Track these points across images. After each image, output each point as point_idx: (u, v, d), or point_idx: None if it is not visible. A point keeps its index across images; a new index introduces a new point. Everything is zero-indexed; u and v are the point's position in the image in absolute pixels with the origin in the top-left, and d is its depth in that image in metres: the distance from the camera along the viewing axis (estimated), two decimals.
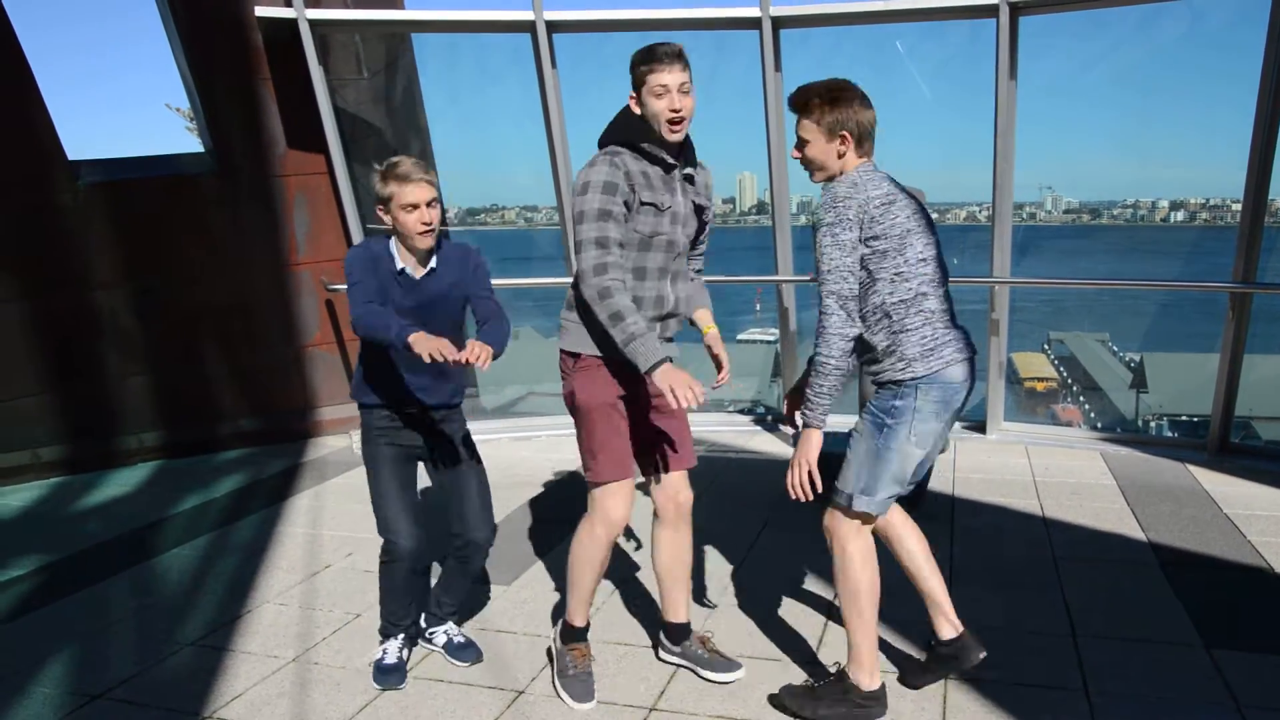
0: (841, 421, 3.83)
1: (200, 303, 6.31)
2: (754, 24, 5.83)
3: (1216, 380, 5.63)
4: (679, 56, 2.78)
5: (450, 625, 3.43)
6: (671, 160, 2.88)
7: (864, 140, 2.74)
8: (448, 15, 6.16)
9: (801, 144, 2.78)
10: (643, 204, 2.82)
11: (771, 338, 10.68)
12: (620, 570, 4.15)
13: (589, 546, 3.00)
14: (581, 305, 2.84)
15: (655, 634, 3.43)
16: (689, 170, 2.96)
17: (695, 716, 2.97)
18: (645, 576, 4.08)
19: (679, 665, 3.25)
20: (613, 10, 6.01)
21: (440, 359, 2.69)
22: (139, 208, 6.09)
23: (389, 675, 3.21)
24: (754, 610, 3.70)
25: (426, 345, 2.70)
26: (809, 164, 2.80)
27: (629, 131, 2.85)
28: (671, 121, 2.79)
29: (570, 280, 2.99)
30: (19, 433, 5.78)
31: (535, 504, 5.13)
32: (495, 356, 2.83)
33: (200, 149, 6.49)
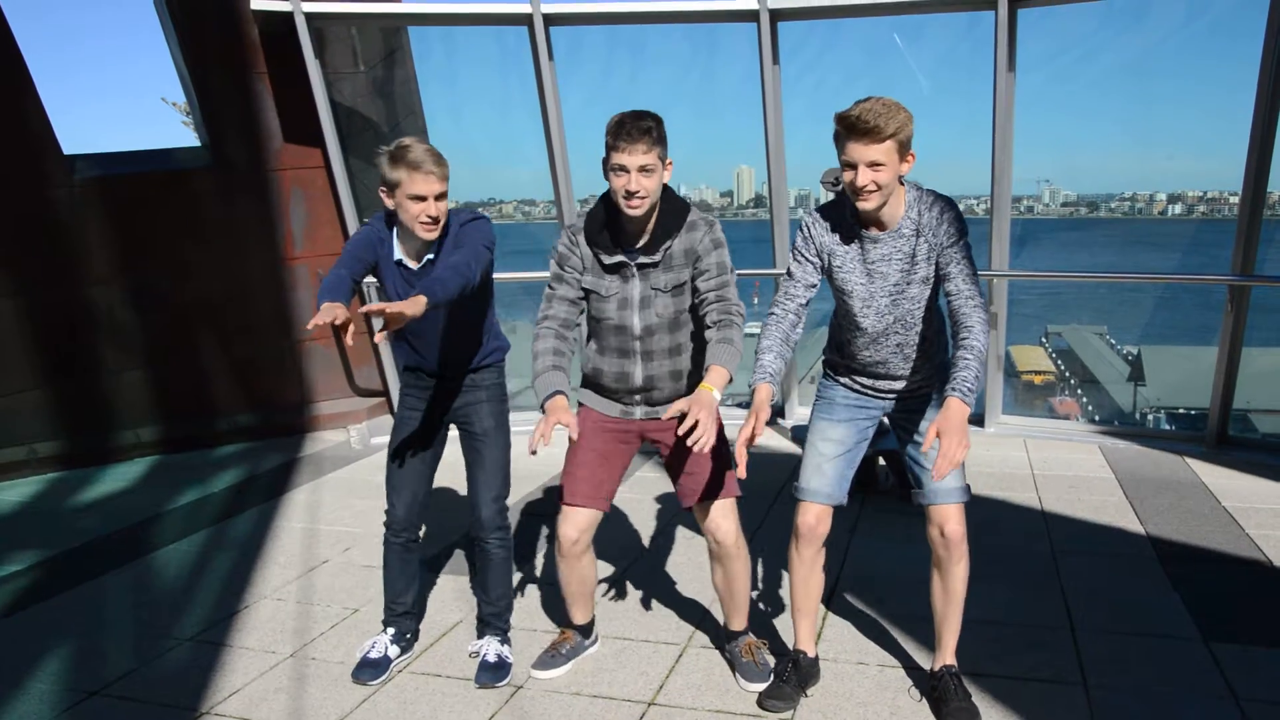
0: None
1: (196, 297, 6.30)
2: (752, 17, 5.80)
3: (1215, 373, 5.63)
4: (645, 134, 2.66)
5: (490, 640, 3.27)
6: (612, 260, 2.85)
7: None
8: (445, 8, 6.13)
9: (875, 166, 2.57)
10: (583, 288, 2.93)
11: None
12: (620, 564, 4.15)
13: (557, 562, 3.14)
14: (583, 361, 3.07)
15: (656, 629, 3.50)
16: (646, 259, 2.85)
17: (694, 711, 2.97)
18: (645, 572, 4.08)
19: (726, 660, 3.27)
20: (610, 3, 5.98)
21: (313, 325, 2.59)
22: (135, 202, 6.07)
23: (364, 669, 3.20)
24: (755, 602, 3.69)
25: (314, 319, 2.58)
26: (878, 188, 2.60)
27: (593, 215, 2.88)
28: (627, 201, 2.74)
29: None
30: (15, 428, 5.77)
31: (533, 500, 5.13)
32: (433, 305, 2.66)
33: (196, 143, 6.47)
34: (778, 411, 6.78)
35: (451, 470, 3.55)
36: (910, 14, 5.86)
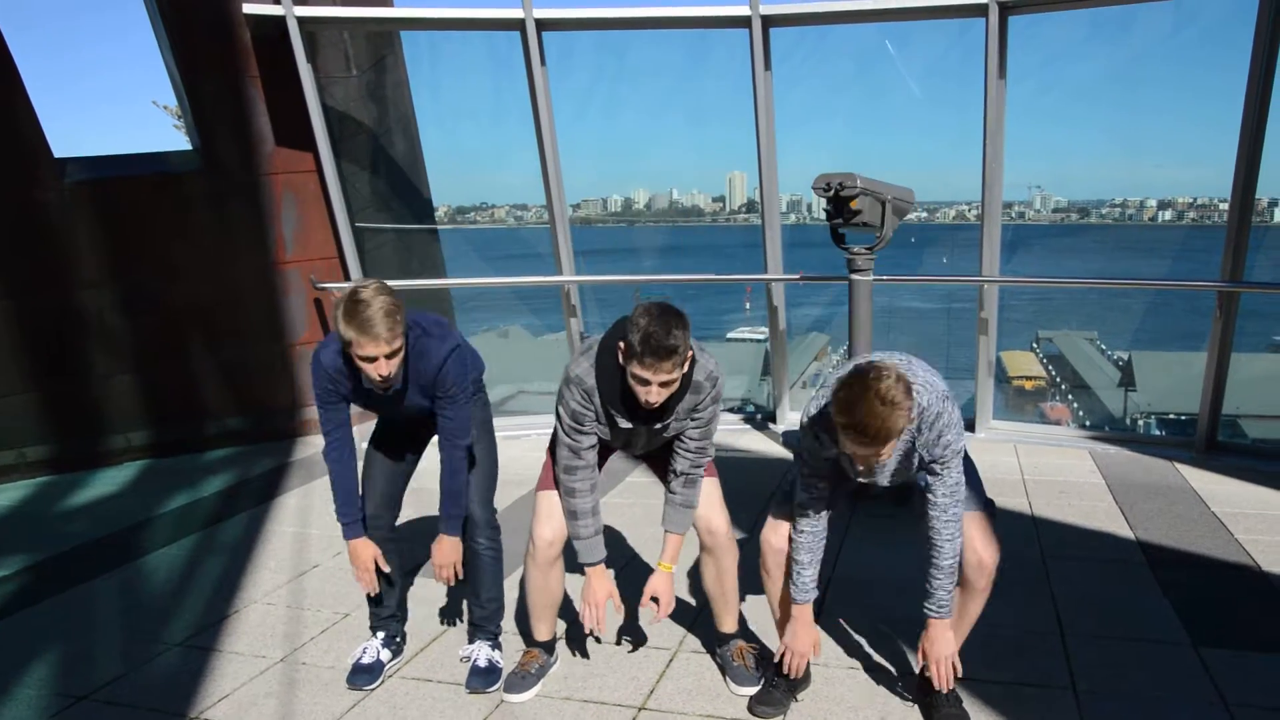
0: None
1: (188, 301, 6.29)
2: (744, 23, 5.82)
3: (1204, 379, 5.66)
4: (669, 354, 2.62)
5: (481, 645, 3.29)
6: (626, 425, 2.90)
7: None
8: (437, 13, 6.14)
9: (880, 454, 2.50)
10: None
11: (761, 336, 10.68)
12: (611, 569, 4.14)
13: (526, 567, 3.20)
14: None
15: (648, 634, 3.51)
16: (658, 423, 2.90)
17: (684, 715, 2.97)
18: (636, 577, 4.08)
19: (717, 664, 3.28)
20: (603, 9, 5.99)
21: (363, 583, 3.20)
22: (125, 206, 6.06)
23: (359, 675, 3.20)
24: (746, 606, 3.69)
25: (356, 566, 3.18)
26: (879, 459, 2.53)
27: (605, 378, 2.84)
28: (646, 403, 2.75)
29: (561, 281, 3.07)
30: (5, 432, 5.75)
31: (524, 504, 5.11)
32: (457, 518, 3.16)
33: (188, 147, 6.46)
34: (769, 417, 6.78)
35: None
36: (901, 20, 5.88)
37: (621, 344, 2.71)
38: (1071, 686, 3.05)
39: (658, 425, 2.90)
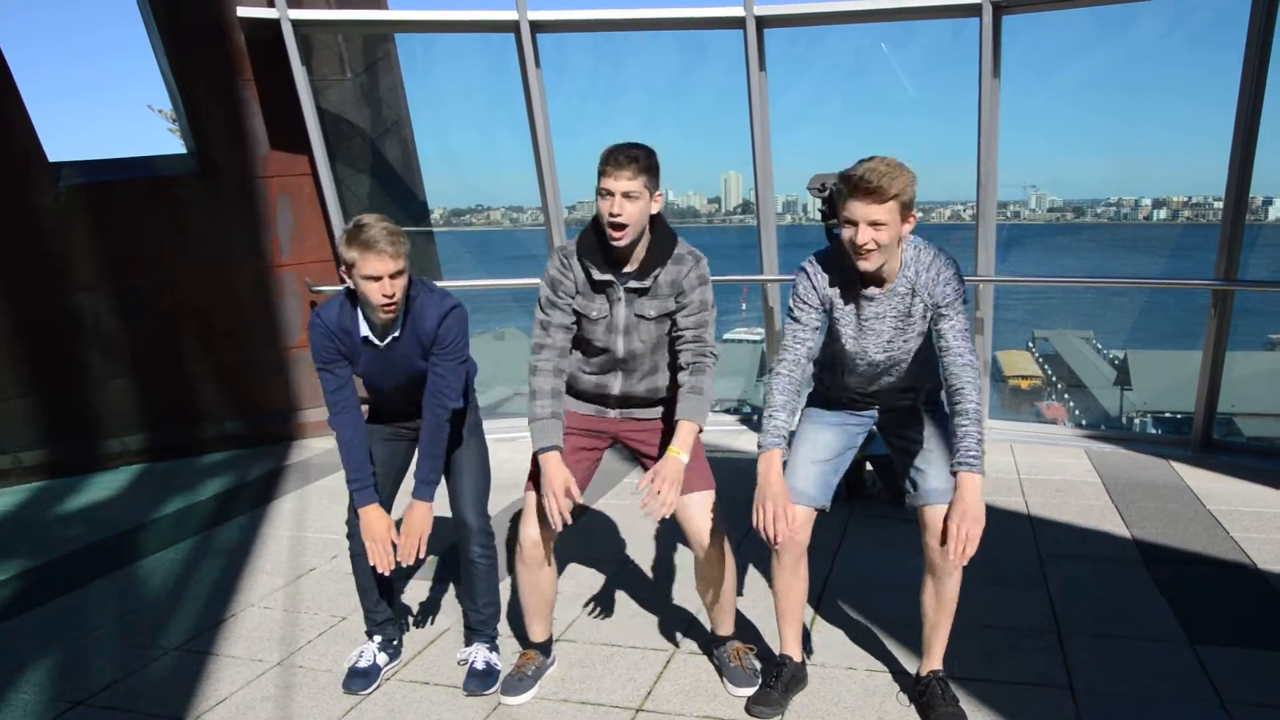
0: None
1: (183, 305, 6.28)
2: (738, 24, 5.83)
3: (1199, 377, 5.67)
4: (632, 161, 2.72)
5: (478, 647, 3.28)
6: (602, 278, 2.88)
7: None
8: (431, 15, 6.14)
9: (876, 225, 2.59)
10: (574, 310, 2.94)
11: (757, 337, 10.68)
12: (607, 571, 4.15)
13: (515, 568, 3.15)
14: None
15: (644, 635, 3.51)
16: (636, 285, 2.87)
17: (682, 717, 2.97)
18: (632, 578, 4.08)
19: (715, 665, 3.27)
20: (596, 10, 6.00)
21: (374, 563, 3.07)
22: (120, 210, 6.05)
23: (355, 679, 3.19)
24: (742, 607, 3.69)
25: (367, 539, 3.06)
26: (878, 247, 2.61)
27: (584, 235, 2.91)
28: (611, 226, 2.77)
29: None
30: (0, 436, 5.73)
31: (515, 508, 5.10)
32: (430, 484, 3.08)
33: (183, 150, 6.45)
34: None
35: None
36: (895, 20, 5.89)
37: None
38: (1068, 684, 3.05)
39: (634, 286, 2.86)
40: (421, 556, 3.10)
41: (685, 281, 2.89)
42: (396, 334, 3.02)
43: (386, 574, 3.15)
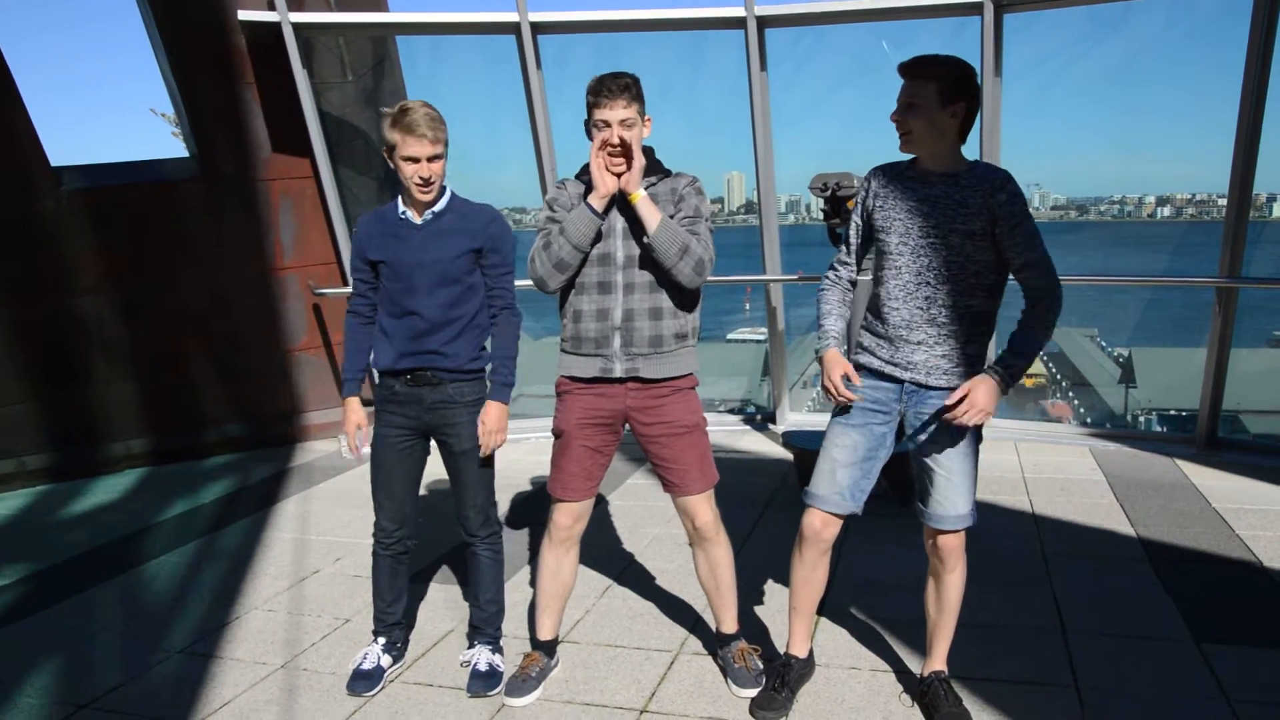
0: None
1: (186, 308, 6.29)
2: (739, 24, 5.82)
3: (1204, 374, 5.66)
4: (624, 90, 2.80)
5: (481, 649, 3.27)
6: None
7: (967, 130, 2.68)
8: (432, 18, 6.14)
9: (910, 106, 2.62)
10: None
11: (761, 337, 10.67)
12: (611, 571, 4.14)
13: (541, 550, 3.18)
14: (562, 328, 3.07)
15: (648, 635, 3.51)
16: (634, 193, 2.86)
17: (686, 718, 2.96)
18: (637, 579, 4.08)
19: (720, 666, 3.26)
20: (597, 11, 6.00)
21: (350, 447, 3.17)
22: (123, 214, 6.06)
23: (358, 681, 3.19)
24: (748, 608, 3.69)
25: (346, 424, 3.20)
26: (909, 130, 2.64)
27: (584, 171, 2.97)
28: (613, 155, 2.84)
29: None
30: (4, 441, 5.75)
31: (524, 507, 5.12)
32: (507, 385, 3.17)
33: (185, 154, 6.46)
34: (768, 418, 6.78)
35: (442, 479, 3.53)
36: (897, 19, 5.88)
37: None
38: (1073, 684, 3.04)
39: (635, 194, 2.85)
40: (499, 444, 3.17)
41: (683, 190, 2.97)
42: (437, 209, 3.11)
43: (354, 456, 3.33)
